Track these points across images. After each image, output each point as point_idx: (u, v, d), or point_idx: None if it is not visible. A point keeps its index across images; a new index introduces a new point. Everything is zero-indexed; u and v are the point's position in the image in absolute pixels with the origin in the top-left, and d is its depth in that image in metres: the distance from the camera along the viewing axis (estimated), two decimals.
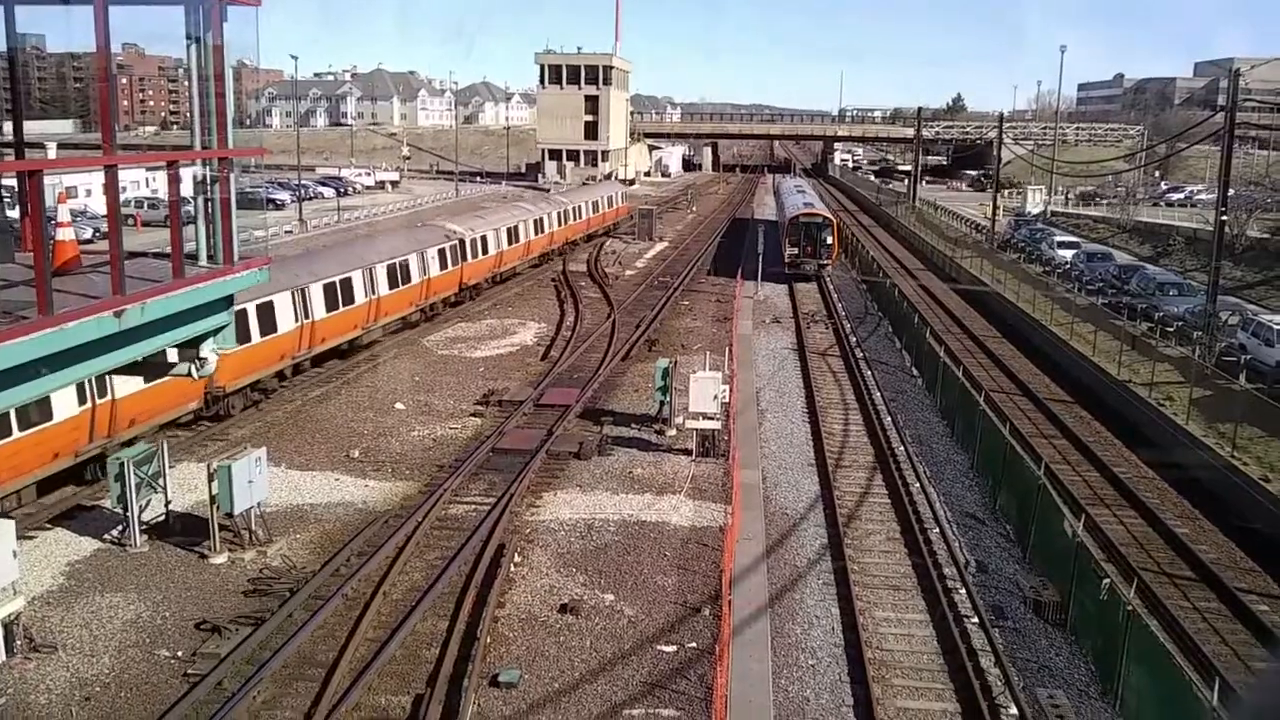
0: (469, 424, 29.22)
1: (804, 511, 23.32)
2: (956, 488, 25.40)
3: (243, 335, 28.32)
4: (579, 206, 64.99)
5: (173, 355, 8.74)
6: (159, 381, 22.07)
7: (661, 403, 28.17)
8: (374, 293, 35.20)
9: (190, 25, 8.04)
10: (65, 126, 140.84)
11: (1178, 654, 14.73)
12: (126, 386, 22.49)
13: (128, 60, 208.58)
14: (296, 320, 30.55)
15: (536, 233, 55.28)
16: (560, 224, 60.21)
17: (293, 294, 30.30)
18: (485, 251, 46.90)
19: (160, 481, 20.77)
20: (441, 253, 41.79)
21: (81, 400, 21.90)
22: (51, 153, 51.81)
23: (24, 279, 7.15)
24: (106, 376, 21.26)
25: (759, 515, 22.58)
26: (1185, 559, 21.93)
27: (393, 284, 36.79)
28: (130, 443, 22.65)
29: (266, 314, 28.98)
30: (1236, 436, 26.30)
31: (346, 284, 33.51)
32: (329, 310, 32.25)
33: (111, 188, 7.44)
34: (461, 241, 43.87)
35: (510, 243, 50.38)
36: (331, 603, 17.98)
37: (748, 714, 15.06)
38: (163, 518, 21.11)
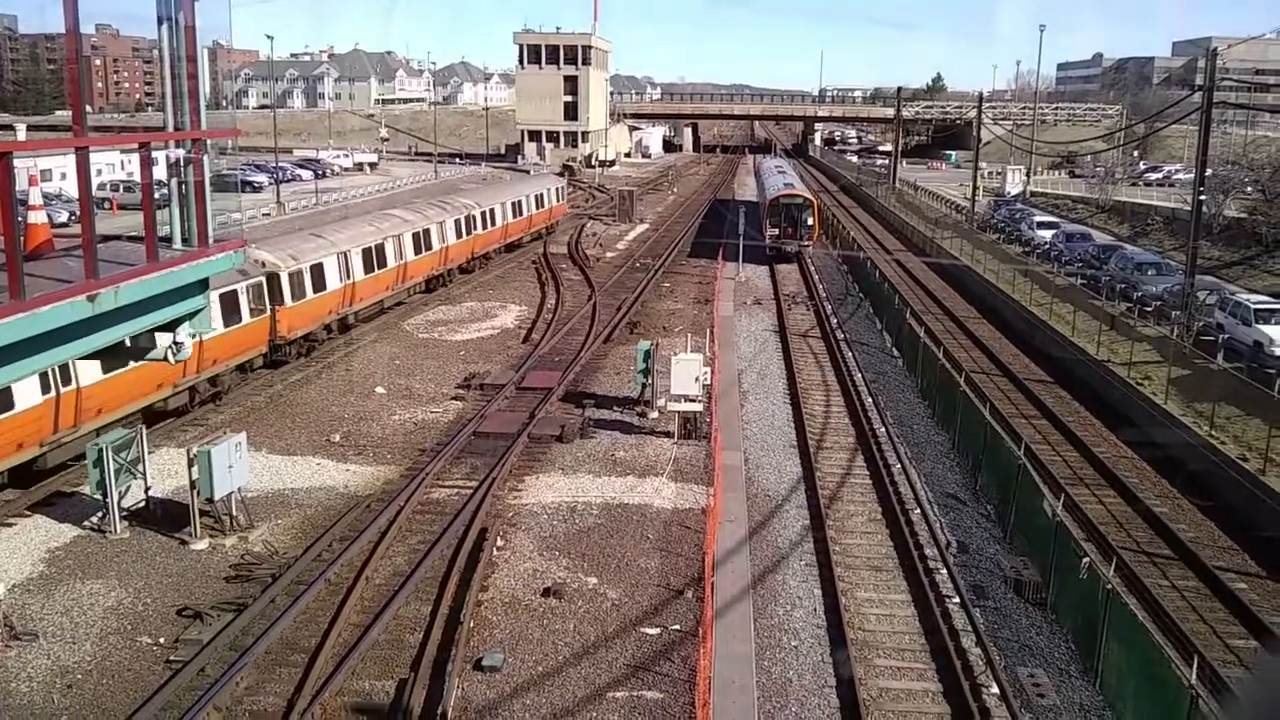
0: (450, 408, 29.13)
1: (786, 493, 23.36)
2: (937, 468, 25.49)
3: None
4: (490, 211, 50.53)
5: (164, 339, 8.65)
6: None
7: (643, 385, 28.15)
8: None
9: (161, 5, 7.91)
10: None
11: (1156, 632, 14.84)
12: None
13: (101, 42, 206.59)
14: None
15: (419, 250, 41.26)
16: (463, 234, 46.34)
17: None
18: (300, 295, 31.72)
19: (140, 467, 20.63)
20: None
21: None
22: (21, 134, 51.25)
23: None
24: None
25: (741, 497, 22.61)
26: (1164, 538, 22.09)
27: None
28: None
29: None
30: (1214, 415, 26.47)
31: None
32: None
33: (83, 170, 7.32)
34: (273, 276, 30.48)
35: (368, 270, 36.50)
36: (314, 588, 17.91)
37: (731, 695, 15.10)
38: (143, 504, 20.99)
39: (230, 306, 28.04)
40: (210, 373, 27.61)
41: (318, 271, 33.11)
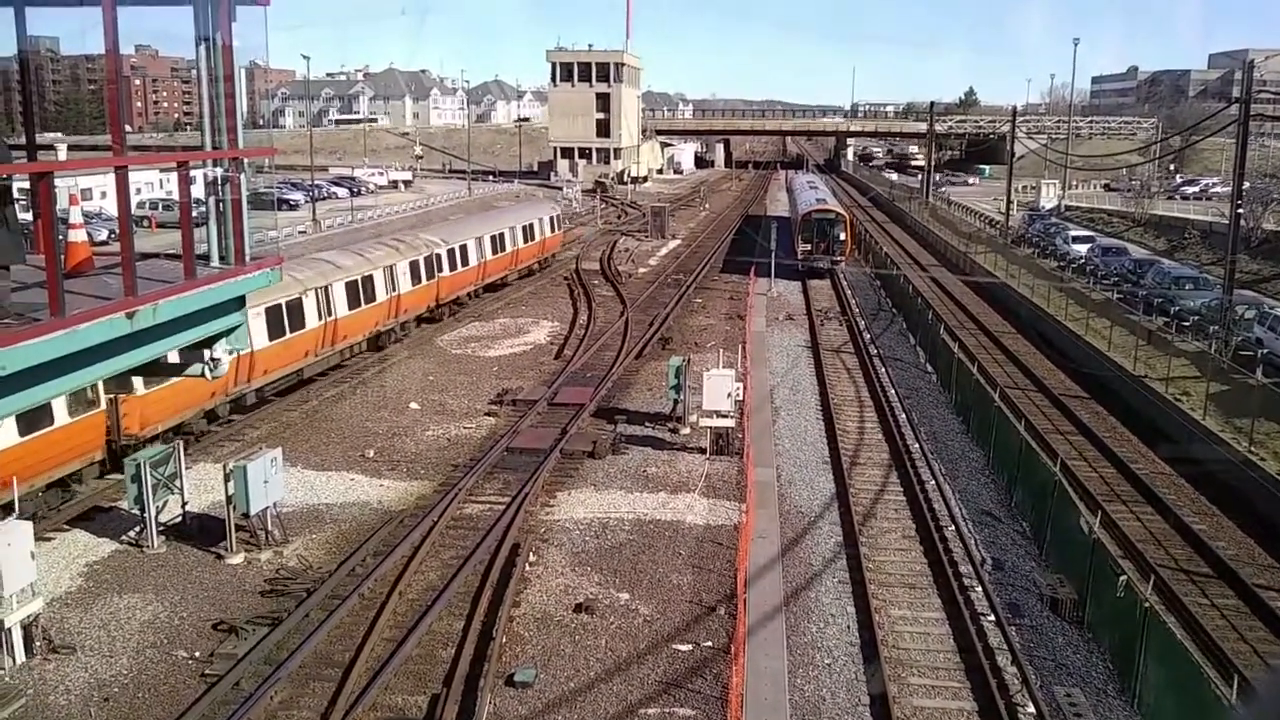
0: (483, 423, 29.23)
1: (819, 510, 23.24)
2: (972, 485, 25.29)
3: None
4: (461, 248, 43.43)
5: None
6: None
7: (675, 401, 28.13)
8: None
9: (199, 25, 8.04)
10: None
11: (1196, 651, 14.63)
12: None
13: (141, 62, 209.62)
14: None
15: (356, 302, 33.86)
16: (421, 278, 39.10)
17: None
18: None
19: (177, 482, 20.84)
20: None
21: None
22: (62, 154, 51.99)
23: (36, 281, 7.16)
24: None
25: (774, 514, 22.52)
26: (1203, 555, 21.79)
27: None
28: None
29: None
30: (1254, 431, 26.11)
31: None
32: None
33: (122, 189, 7.44)
34: None
35: (275, 334, 29.04)
36: (348, 602, 17.99)
37: (764, 713, 15.02)
38: (179, 519, 21.18)
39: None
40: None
41: None
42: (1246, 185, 42.81)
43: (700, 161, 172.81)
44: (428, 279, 39.50)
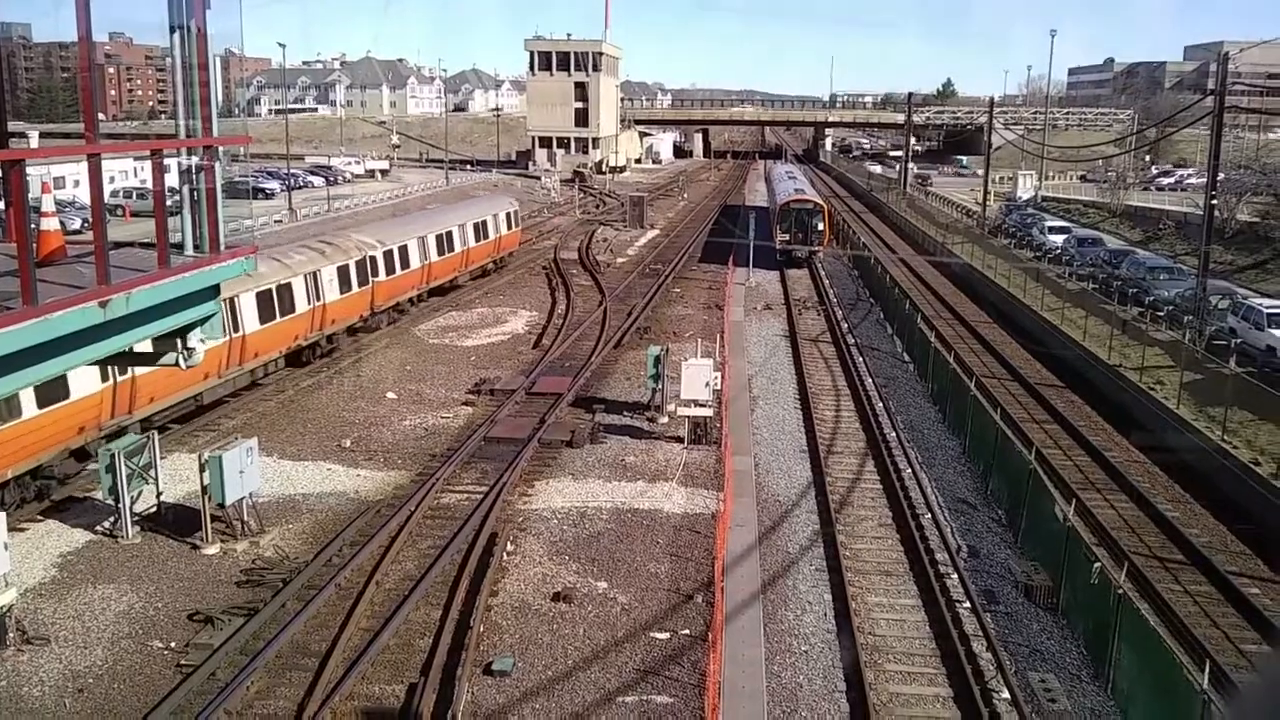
0: (461, 413, 29.18)
1: (797, 498, 23.34)
2: (948, 473, 25.44)
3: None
4: (402, 249, 39.42)
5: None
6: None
7: (654, 390, 28.17)
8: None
9: (173, 13, 7.97)
10: None
11: (1168, 637, 14.79)
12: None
13: (115, 50, 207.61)
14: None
15: (271, 315, 29.72)
16: (352, 285, 34.93)
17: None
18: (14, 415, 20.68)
19: (151, 472, 20.72)
20: None
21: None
22: (34, 142, 51.51)
23: (8, 269, 7.10)
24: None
25: (751, 502, 22.60)
26: (1176, 542, 22.01)
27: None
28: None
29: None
30: (1227, 420, 26.37)
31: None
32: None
33: (95, 177, 7.38)
34: None
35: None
36: (324, 592, 17.96)
37: (741, 700, 15.10)
38: (154, 509, 21.07)
39: None
40: None
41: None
42: (1221, 176, 43.14)
43: (679, 151, 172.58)
44: (360, 285, 35.44)
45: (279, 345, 30.91)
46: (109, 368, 21.59)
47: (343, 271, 34.51)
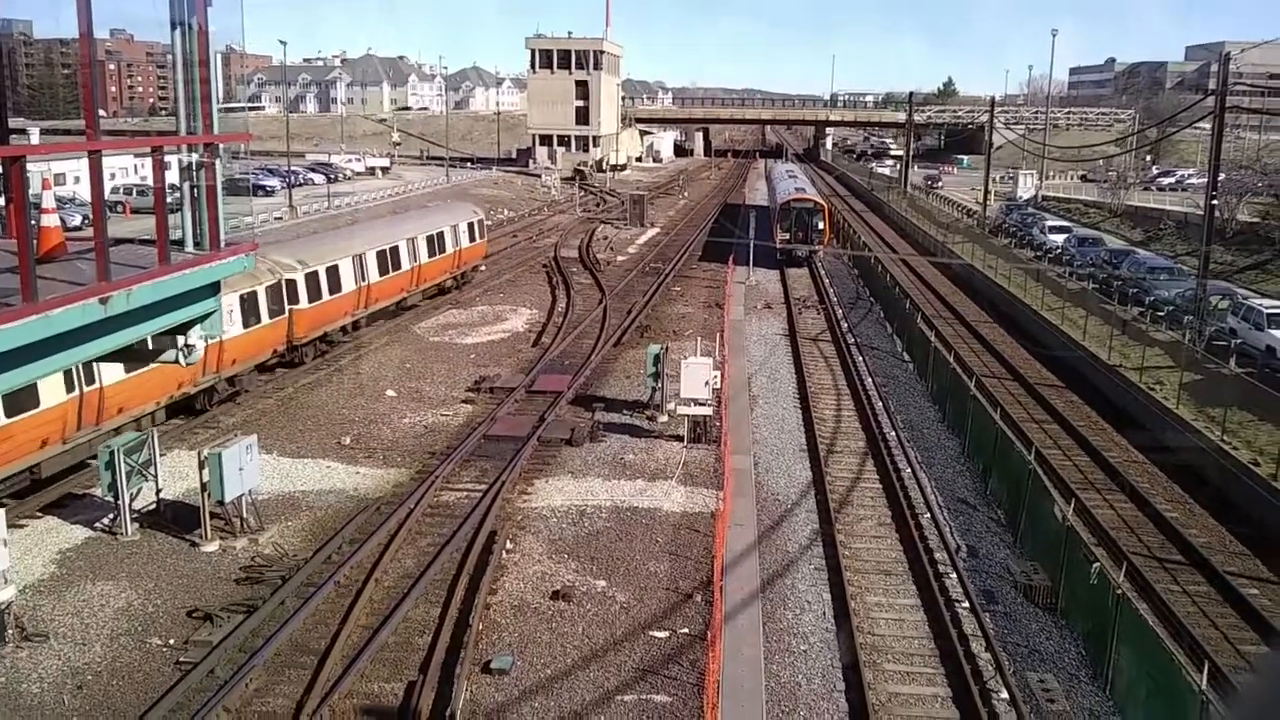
0: (460, 411, 29.18)
1: (796, 497, 23.34)
2: (947, 473, 25.44)
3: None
4: (332, 269, 33.71)
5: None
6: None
7: (653, 389, 28.15)
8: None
9: (174, 10, 7.96)
10: None
11: (1167, 637, 14.80)
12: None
13: (116, 47, 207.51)
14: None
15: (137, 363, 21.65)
16: (261, 319, 29.23)
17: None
18: None
19: (151, 469, 20.71)
20: None
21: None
22: (35, 138, 51.43)
23: (9, 266, 7.09)
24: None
25: (751, 501, 22.60)
26: (1175, 543, 22.01)
27: None
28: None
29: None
30: (1226, 420, 26.37)
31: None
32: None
33: (95, 173, 7.37)
34: None
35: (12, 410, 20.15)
36: (324, 590, 17.95)
37: (740, 699, 15.10)
38: (154, 506, 21.07)
39: None
40: None
41: None
42: (1222, 177, 43.11)
43: (680, 150, 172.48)
44: (273, 316, 29.79)
45: (150, 398, 24.71)
46: (74, 378, 21.00)
47: (248, 301, 28.45)
